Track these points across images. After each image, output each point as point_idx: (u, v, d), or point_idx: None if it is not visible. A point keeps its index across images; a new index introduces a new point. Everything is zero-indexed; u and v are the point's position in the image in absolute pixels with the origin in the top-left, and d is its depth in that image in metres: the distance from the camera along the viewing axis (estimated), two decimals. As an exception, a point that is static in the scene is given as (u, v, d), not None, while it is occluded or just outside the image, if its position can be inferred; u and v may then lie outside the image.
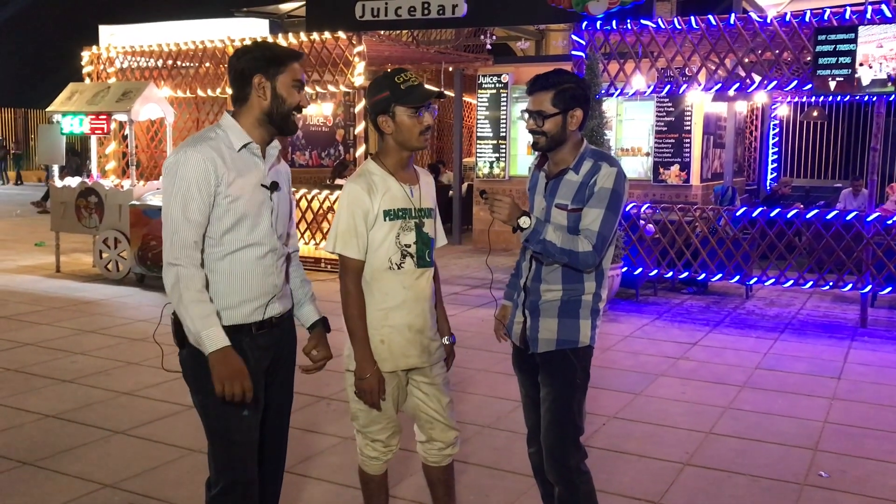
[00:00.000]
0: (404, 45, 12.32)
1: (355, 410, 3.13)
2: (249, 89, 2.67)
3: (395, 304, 3.00)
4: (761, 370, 6.42)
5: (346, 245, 2.94)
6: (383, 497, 3.29)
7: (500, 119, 13.05)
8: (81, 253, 11.70)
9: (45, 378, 5.88)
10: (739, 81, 8.53)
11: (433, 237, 3.10)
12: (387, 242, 2.96)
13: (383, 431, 3.14)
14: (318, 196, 10.64)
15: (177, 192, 2.58)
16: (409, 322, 3.02)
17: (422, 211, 3.04)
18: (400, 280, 2.99)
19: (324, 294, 3.29)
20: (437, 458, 3.23)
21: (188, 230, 2.59)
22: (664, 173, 11.98)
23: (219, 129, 2.70)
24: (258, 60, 2.66)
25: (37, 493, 4.02)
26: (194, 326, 2.55)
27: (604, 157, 3.06)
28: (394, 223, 2.96)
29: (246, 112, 2.70)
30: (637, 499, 4.05)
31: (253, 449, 2.78)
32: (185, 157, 2.59)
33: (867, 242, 7.98)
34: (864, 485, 4.27)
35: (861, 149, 15.57)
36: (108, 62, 11.87)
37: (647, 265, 8.91)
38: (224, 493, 2.74)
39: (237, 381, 2.55)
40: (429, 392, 3.14)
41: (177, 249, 2.59)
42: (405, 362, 3.05)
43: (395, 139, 2.96)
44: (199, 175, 2.58)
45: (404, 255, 2.98)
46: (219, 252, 2.67)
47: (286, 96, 2.69)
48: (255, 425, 2.77)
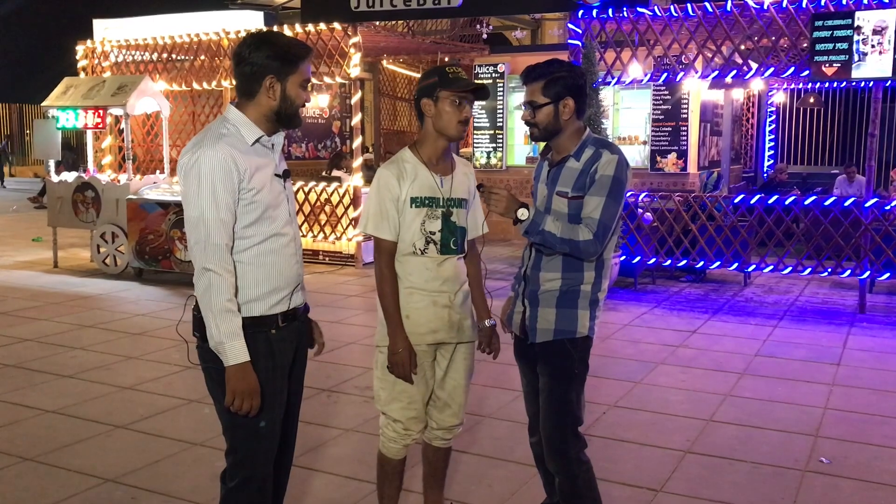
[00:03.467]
0: (400, 35, 12.28)
1: (378, 389, 3.23)
2: (258, 87, 2.65)
3: (419, 284, 3.12)
4: (761, 357, 6.43)
5: (378, 227, 3.08)
6: (397, 483, 3.33)
7: (496, 109, 13.02)
8: (79, 248, 11.68)
9: (45, 373, 5.88)
10: (736, 69, 8.51)
11: (463, 226, 3.18)
12: (412, 228, 3.09)
13: (404, 412, 3.19)
14: (315, 188, 10.63)
15: (204, 192, 2.55)
16: (433, 299, 3.13)
17: (451, 200, 3.14)
18: (423, 263, 3.11)
19: (322, 286, 3.28)
20: (432, 439, 3.34)
21: (221, 232, 2.57)
22: (661, 161, 11.97)
23: (228, 124, 2.67)
24: (271, 60, 2.63)
25: (38, 488, 4.02)
26: (219, 336, 2.56)
27: (605, 145, 3.05)
28: (419, 210, 3.08)
29: (253, 107, 2.69)
30: (638, 487, 4.06)
31: (275, 444, 2.80)
32: (206, 157, 2.56)
33: (865, 228, 7.98)
34: (865, 470, 4.28)
35: (858, 135, 15.56)
36: (102, 56, 11.83)
37: (646, 253, 8.91)
38: (241, 487, 2.74)
39: (249, 398, 2.60)
40: (448, 371, 3.24)
41: (210, 253, 2.56)
42: (432, 337, 3.15)
43: (435, 125, 3.08)
44: (223, 173, 2.56)
45: (428, 241, 3.10)
46: (244, 245, 2.66)
47: (295, 97, 2.69)
48: (279, 418, 2.79)
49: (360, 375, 5.75)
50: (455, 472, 4.10)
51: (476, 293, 3.31)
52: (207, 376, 2.76)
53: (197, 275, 2.60)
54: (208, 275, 2.57)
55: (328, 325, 7.29)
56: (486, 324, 3.31)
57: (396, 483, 3.33)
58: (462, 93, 3.04)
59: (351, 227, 10.41)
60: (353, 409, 5.15)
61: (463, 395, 3.30)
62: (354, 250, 10.49)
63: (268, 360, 2.70)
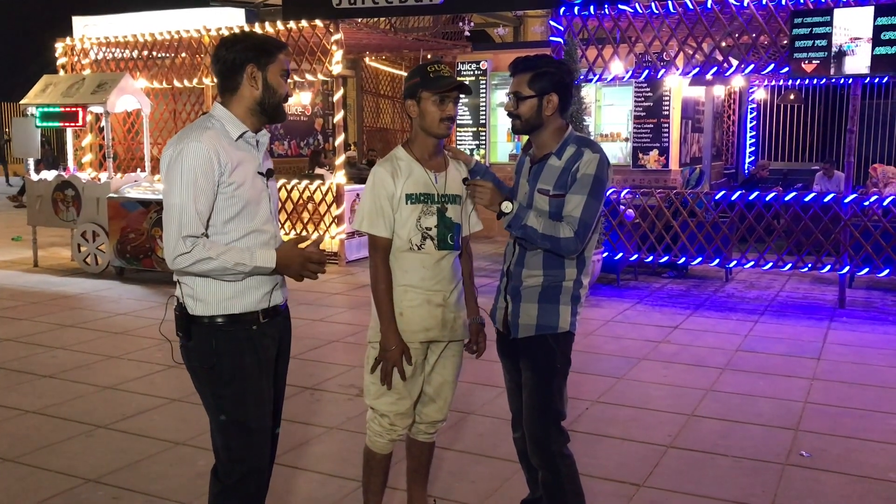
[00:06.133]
0: (382, 32, 12.25)
1: (368, 384, 3.25)
2: (241, 79, 2.68)
3: (415, 282, 3.13)
4: (742, 352, 6.47)
5: (373, 224, 3.11)
6: (382, 477, 3.36)
7: (479, 106, 13.03)
8: (59, 247, 11.58)
9: (25, 373, 5.83)
10: (717, 65, 8.56)
11: (458, 222, 3.21)
12: (408, 224, 3.10)
13: (393, 406, 3.21)
14: (298, 186, 10.59)
15: (184, 183, 2.56)
16: (427, 298, 3.14)
17: (445, 197, 3.16)
18: (420, 260, 3.13)
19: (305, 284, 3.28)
20: (417, 433, 3.37)
21: (197, 222, 2.58)
22: (643, 158, 12.02)
23: (213, 120, 2.69)
24: (249, 50, 2.67)
25: (19, 489, 3.99)
26: (243, 266, 2.61)
27: (587, 144, 3.06)
28: (415, 206, 3.10)
29: (236, 102, 2.71)
30: (621, 481, 4.08)
31: (267, 436, 2.81)
32: (188, 148, 2.58)
33: (845, 224, 8.05)
34: (845, 463, 4.33)
35: (838, 131, 15.68)
36: (82, 53, 11.73)
37: (628, 250, 8.94)
38: (239, 483, 2.74)
39: (307, 263, 2.70)
40: (436, 367, 3.27)
41: (187, 241, 2.56)
42: (424, 335, 3.17)
43: (420, 125, 3.11)
44: (204, 165, 2.58)
45: (425, 237, 3.12)
46: (224, 240, 2.67)
47: (277, 86, 2.72)
48: (269, 413, 2.80)
49: (344, 374, 5.74)
50: (438, 469, 4.11)
51: (468, 290, 3.33)
52: (193, 375, 2.76)
53: (177, 262, 2.57)
54: (187, 254, 2.56)
55: (311, 324, 7.29)
56: (476, 320, 3.33)
57: (382, 477, 3.36)
58: (443, 92, 3.05)
59: (334, 224, 10.39)
60: (335, 407, 5.14)
61: (450, 392, 3.34)
62: (337, 248, 10.46)
63: (251, 355, 2.71)
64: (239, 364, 2.68)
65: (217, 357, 2.66)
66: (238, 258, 2.61)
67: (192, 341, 2.69)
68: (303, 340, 6.35)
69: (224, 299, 2.66)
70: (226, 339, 2.67)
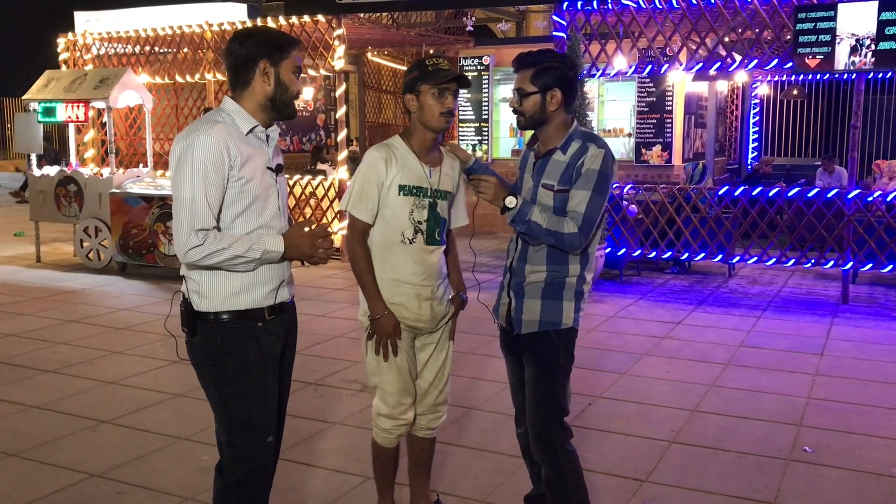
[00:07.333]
0: (384, 27, 12.23)
1: (369, 360, 3.27)
2: (253, 74, 2.67)
3: (404, 277, 3.16)
4: (745, 348, 6.47)
5: (356, 207, 3.13)
6: (392, 469, 3.41)
7: (481, 101, 13.01)
8: (62, 242, 11.59)
9: (29, 368, 5.83)
10: (720, 61, 8.53)
11: (445, 217, 3.24)
12: (401, 216, 3.12)
13: (396, 382, 3.22)
14: (300, 182, 10.59)
15: (195, 176, 2.55)
16: (417, 292, 3.17)
17: (438, 192, 3.17)
18: (410, 254, 3.15)
19: (308, 279, 3.27)
20: (418, 429, 3.38)
21: (209, 215, 2.57)
22: (646, 154, 12.01)
23: (224, 114, 2.68)
24: (263, 46, 2.65)
25: (22, 484, 3.99)
26: (254, 254, 2.61)
27: (592, 139, 3.05)
28: (408, 199, 3.11)
29: (248, 97, 2.70)
30: (624, 477, 4.08)
31: (272, 434, 2.80)
32: (199, 141, 2.56)
33: (848, 219, 8.04)
34: (848, 459, 4.32)
35: (841, 127, 15.65)
36: (84, 49, 11.73)
37: (631, 245, 8.93)
38: (242, 480, 2.74)
39: (315, 241, 2.69)
40: (429, 361, 3.31)
41: (199, 234, 2.55)
42: (414, 322, 3.21)
43: (419, 119, 3.12)
44: (215, 158, 2.56)
45: (416, 230, 3.14)
46: None
47: (289, 83, 2.71)
48: (274, 411, 2.79)
49: (347, 369, 5.74)
50: (441, 465, 4.11)
51: (452, 270, 3.39)
52: (199, 371, 2.76)
53: (189, 256, 2.55)
54: (198, 248, 2.54)
55: (314, 319, 7.29)
56: (460, 295, 3.39)
57: (392, 468, 3.41)
58: (443, 84, 3.05)
59: (336, 220, 10.39)
60: (339, 402, 5.14)
61: (445, 373, 3.37)
62: (340, 243, 10.45)
63: (256, 352, 2.70)
64: (243, 361, 2.67)
65: (221, 354, 2.65)
66: (248, 243, 2.61)
67: (196, 337, 2.69)
68: (306, 336, 6.33)
69: (229, 295, 2.65)
70: (230, 336, 2.66)
